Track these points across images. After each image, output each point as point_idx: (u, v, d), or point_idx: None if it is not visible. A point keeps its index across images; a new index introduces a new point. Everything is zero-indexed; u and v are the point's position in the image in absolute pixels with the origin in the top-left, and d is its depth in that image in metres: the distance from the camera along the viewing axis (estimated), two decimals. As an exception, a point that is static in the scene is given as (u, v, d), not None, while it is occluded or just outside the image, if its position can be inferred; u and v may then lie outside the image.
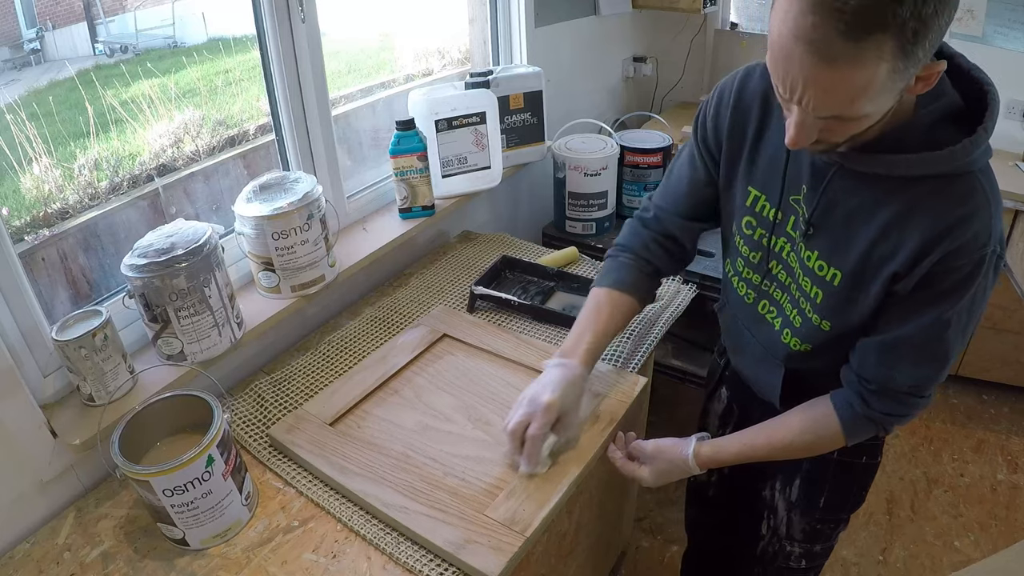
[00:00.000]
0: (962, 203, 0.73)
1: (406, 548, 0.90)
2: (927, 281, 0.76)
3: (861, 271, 0.81)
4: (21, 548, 0.94)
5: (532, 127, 1.78)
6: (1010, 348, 2.19)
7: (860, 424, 0.88)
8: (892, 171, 0.75)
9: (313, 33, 1.30)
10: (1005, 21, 2.11)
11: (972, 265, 0.74)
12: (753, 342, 1.02)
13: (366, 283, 1.53)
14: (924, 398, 0.85)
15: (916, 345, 0.80)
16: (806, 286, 0.88)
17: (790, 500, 1.12)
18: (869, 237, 0.79)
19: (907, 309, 0.79)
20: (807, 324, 0.90)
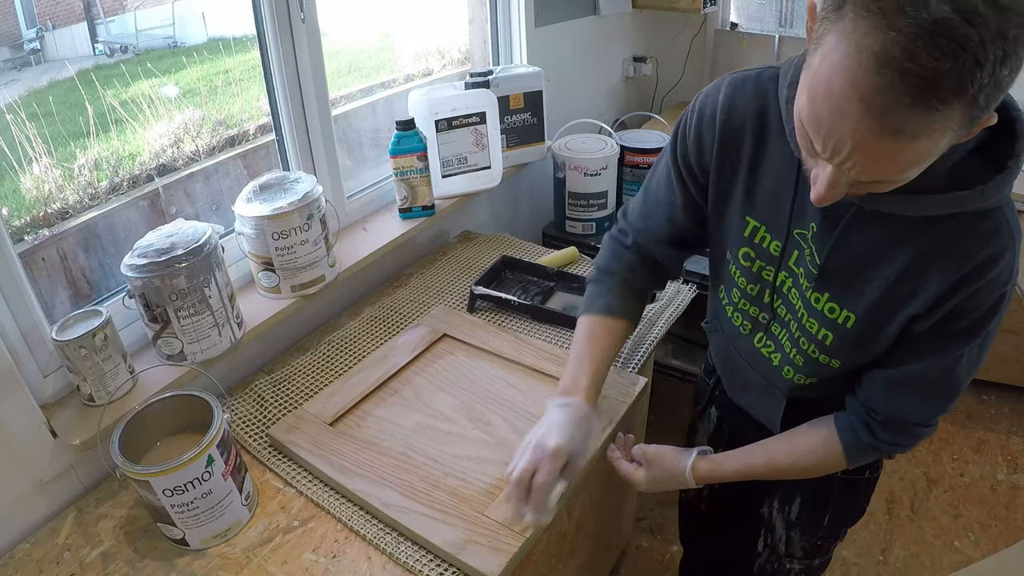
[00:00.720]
0: (988, 244, 0.68)
1: (406, 548, 0.90)
2: (946, 320, 0.73)
3: (877, 313, 0.76)
4: (21, 548, 0.94)
5: (532, 127, 1.78)
6: (1010, 348, 2.19)
7: (863, 451, 0.85)
8: (921, 212, 0.68)
9: (313, 33, 1.30)
10: (1005, 21, 2.11)
11: (992, 303, 0.71)
12: (751, 372, 0.98)
13: (366, 283, 1.53)
14: (930, 427, 0.82)
15: (927, 381, 0.78)
16: (811, 327, 0.82)
17: (790, 519, 1.09)
18: (888, 278, 0.73)
19: (922, 346, 0.76)
20: (812, 363, 0.86)
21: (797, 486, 1.06)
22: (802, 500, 1.07)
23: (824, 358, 0.84)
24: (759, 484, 1.07)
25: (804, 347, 0.85)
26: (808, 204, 0.75)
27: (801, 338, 0.85)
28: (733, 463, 0.95)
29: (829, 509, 1.06)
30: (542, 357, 1.22)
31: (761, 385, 0.97)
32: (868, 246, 0.74)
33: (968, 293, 0.70)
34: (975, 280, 0.69)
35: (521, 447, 0.90)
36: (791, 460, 0.90)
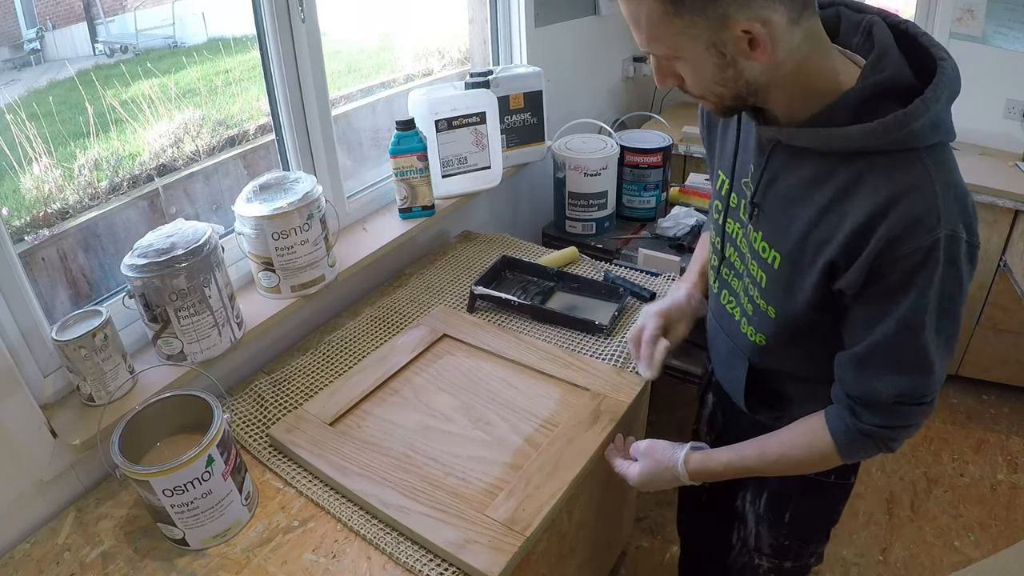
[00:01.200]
0: (897, 181, 0.68)
1: (406, 548, 0.90)
2: (874, 277, 0.71)
3: (799, 255, 0.78)
4: (21, 548, 0.94)
5: (532, 127, 1.78)
6: (1010, 348, 2.19)
7: (855, 440, 0.82)
8: (824, 145, 0.72)
9: (313, 33, 1.30)
10: (1005, 21, 2.11)
11: (922, 253, 0.67)
12: (723, 336, 1.01)
13: (366, 283, 1.53)
14: (922, 405, 0.78)
15: (890, 353, 0.75)
16: (753, 270, 0.87)
17: (758, 512, 1.09)
18: (807, 218, 0.76)
19: (868, 315, 0.75)
20: (758, 312, 0.88)
21: (766, 479, 1.06)
22: (768, 494, 1.07)
23: (763, 304, 0.86)
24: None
25: (751, 293, 0.89)
26: (749, 152, 0.84)
27: (749, 284, 0.89)
28: (724, 455, 0.94)
29: (790, 506, 1.04)
30: (542, 357, 1.22)
31: (728, 349, 0.99)
32: (793, 185, 0.78)
33: (884, 240, 0.68)
34: (886, 223, 0.68)
35: (640, 314, 1.11)
36: (781, 451, 0.88)
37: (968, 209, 0.69)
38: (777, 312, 0.85)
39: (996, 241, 2.03)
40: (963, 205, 0.69)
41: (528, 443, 1.04)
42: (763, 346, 0.90)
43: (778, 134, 0.76)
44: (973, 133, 2.24)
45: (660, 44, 0.71)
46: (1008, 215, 1.97)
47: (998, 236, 2.02)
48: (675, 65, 0.73)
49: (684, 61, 0.72)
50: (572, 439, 1.04)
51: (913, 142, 0.68)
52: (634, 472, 1.00)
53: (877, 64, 0.70)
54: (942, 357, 0.75)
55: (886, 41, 0.71)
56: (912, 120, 0.66)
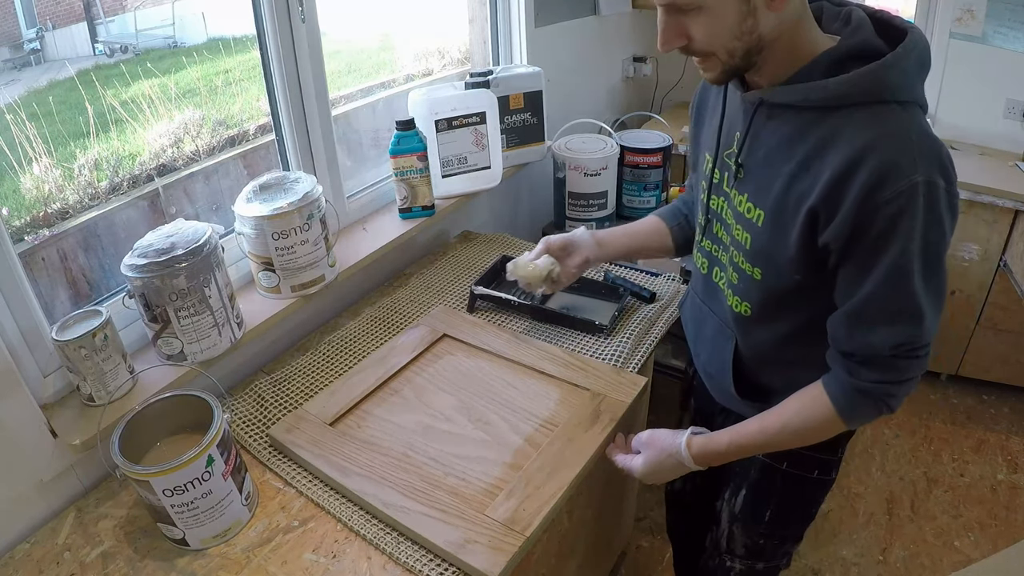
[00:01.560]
0: (872, 128, 0.71)
1: (406, 548, 0.90)
2: (859, 229, 0.72)
3: (781, 209, 0.80)
4: (21, 548, 0.94)
5: (532, 127, 1.78)
6: (1010, 348, 2.19)
7: (854, 399, 0.82)
8: (803, 99, 0.76)
9: (313, 33, 1.30)
10: (1005, 21, 2.11)
11: (904, 199, 0.69)
12: (709, 315, 1.01)
13: (366, 283, 1.53)
14: (918, 358, 0.79)
15: (881, 304, 0.76)
16: (738, 234, 0.88)
17: (733, 511, 1.08)
18: (788, 172, 0.78)
19: (856, 270, 0.76)
20: (743, 277, 0.89)
21: (745, 476, 1.06)
22: (747, 492, 1.06)
23: (748, 267, 0.87)
24: (719, 475, 1.07)
25: (736, 260, 0.90)
26: (734, 122, 0.88)
27: (734, 251, 0.90)
28: (726, 435, 0.93)
29: (772, 503, 1.04)
30: (542, 357, 1.22)
31: (716, 329, 1.00)
32: (775, 142, 0.81)
33: (864, 184, 0.70)
34: (864, 169, 0.70)
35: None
36: (783, 422, 0.87)
37: (944, 159, 0.71)
38: (763, 273, 0.86)
39: (996, 241, 2.03)
40: (938, 154, 0.71)
41: (528, 443, 1.04)
42: (748, 316, 0.91)
43: (761, 94, 0.80)
44: (973, 133, 2.24)
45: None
46: (1008, 215, 1.97)
47: (998, 236, 2.02)
48: (688, 20, 0.75)
49: (705, 11, 0.73)
50: (572, 439, 1.04)
51: (887, 94, 0.72)
52: (638, 464, 1.00)
53: (852, 34, 0.76)
54: (932, 306, 0.76)
55: (861, 19, 0.78)
56: (884, 71, 0.71)
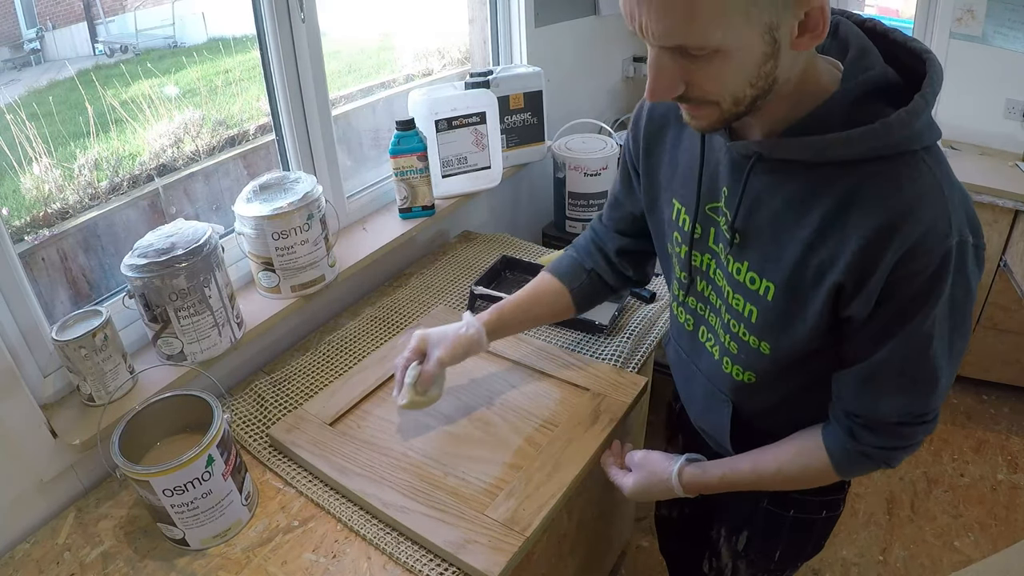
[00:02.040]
0: (905, 188, 0.62)
1: (406, 548, 0.90)
2: (887, 295, 0.65)
3: (798, 282, 0.70)
4: (21, 548, 0.94)
5: (532, 127, 1.78)
6: (1010, 348, 2.19)
7: (853, 459, 0.77)
8: (817, 156, 0.65)
9: (313, 33, 1.30)
10: (1005, 21, 2.12)
11: (937, 263, 0.62)
12: (699, 375, 0.93)
13: (366, 283, 1.53)
14: (924, 424, 0.73)
15: (896, 370, 0.69)
16: (738, 304, 0.78)
17: (736, 549, 1.04)
18: (803, 239, 0.68)
19: (875, 331, 0.69)
20: (745, 348, 0.80)
21: (747, 519, 1.01)
22: (750, 534, 1.02)
23: (754, 340, 0.78)
24: (712, 506, 1.04)
25: (735, 330, 0.80)
26: (717, 174, 0.76)
27: (731, 320, 0.81)
28: (719, 469, 0.89)
29: (780, 546, 1.00)
30: (542, 357, 1.22)
31: (707, 391, 0.92)
32: (780, 205, 0.69)
33: (898, 253, 0.62)
34: (900, 236, 0.62)
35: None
36: (777, 466, 0.83)
37: (970, 208, 0.65)
38: (773, 347, 0.77)
39: (996, 241, 2.03)
40: (966, 205, 0.64)
41: (528, 443, 1.04)
42: (752, 383, 0.83)
43: (759, 147, 0.68)
44: (973, 133, 2.24)
45: (707, 29, 0.56)
46: (1008, 215, 1.97)
47: (998, 236, 2.02)
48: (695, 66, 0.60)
49: (726, 56, 0.59)
50: (572, 439, 1.04)
51: (914, 143, 0.63)
52: (628, 483, 0.97)
53: (859, 63, 0.65)
54: (949, 369, 0.70)
55: (860, 39, 0.66)
56: (915, 118, 0.61)
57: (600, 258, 1.05)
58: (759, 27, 0.57)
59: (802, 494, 0.93)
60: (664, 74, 0.62)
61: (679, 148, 0.82)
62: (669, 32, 0.57)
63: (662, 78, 0.62)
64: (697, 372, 0.93)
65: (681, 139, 0.82)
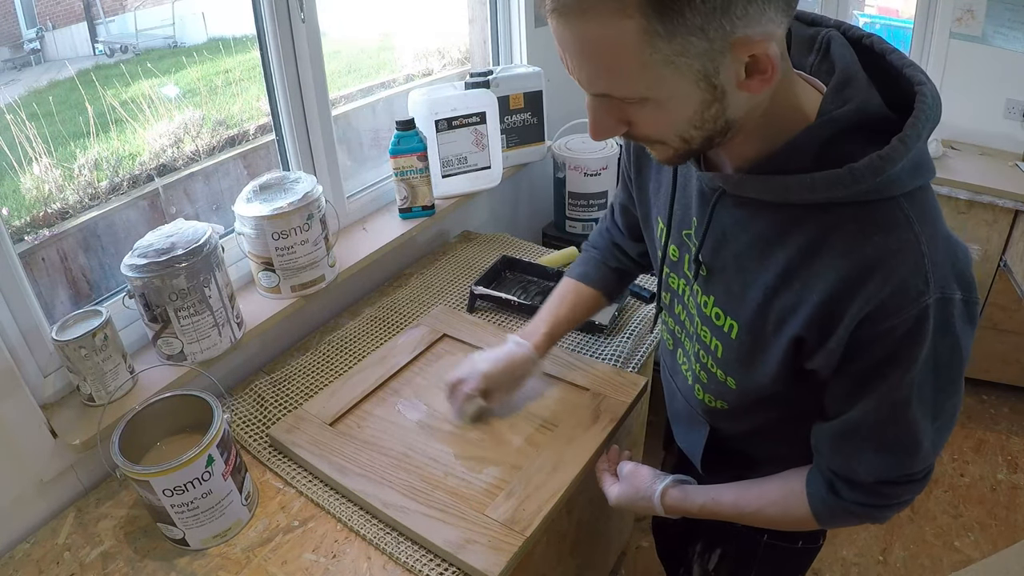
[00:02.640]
0: (875, 241, 0.56)
1: (406, 548, 0.90)
2: (854, 354, 0.60)
3: (760, 325, 0.66)
4: (21, 548, 0.94)
5: (532, 127, 1.78)
6: (1010, 348, 2.19)
7: (833, 512, 0.73)
8: (779, 198, 0.60)
9: (313, 33, 1.30)
10: (1005, 21, 2.12)
11: (910, 323, 0.56)
12: (678, 394, 0.92)
13: (366, 283, 1.53)
14: (911, 483, 0.68)
15: (872, 432, 0.65)
16: (705, 337, 0.76)
17: (706, 568, 1.03)
18: (766, 284, 0.64)
19: (847, 389, 0.64)
20: (713, 380, 0.77)
21: (722, 537, 0.99)
22: (723, 553, 1.00)
23: (720, 373, 0.75)
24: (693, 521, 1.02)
25: (704, 360, 0.78)
26: (690, 201, 0.73)
27: (700, 350, 0.78)
28: (701, 497, 0.86)
29: (753, 571, 0.98)
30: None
31: (686, 411, 0.91)
32: (747, 244, 0.66)
33: (863, 311, 0.57)
34: (863, 290, 0.57)
35: (467, 358, 1.06)
36: (759, 506, 0.79)
37: (960, 262, 0.58)
38: (739, 383, 0.74)
39: (996, 241, 2.03)
40: (954, 258, 0.58)
41: (528, 443, 1.04)
42: (725, 410, 0.80)
43: (723, 182, 0.64)
44: (973, 133, 2.24)
45: (628, 81, 0.54)
46: (1008, 215, 1.97)
47: (998, 236, 2.02)
48: (626, 108, 0.57)
49: (659, 103, 0.55)
50: (572, 439, 1.04)
51: (891, 190, 0.56)
52: (613, 493, 0.95)
53: (839, 94, 0.58)
54: (937, 431, 0.65)
55: (848, 62, 0.59)
56: (890, 164, 0.54)
57: (624, 257, 1.06)
58: (690, 75, 0.52)
59: None
60: (600, 117, 0.60)
61: (663, 168, 0.80)
62: (591, 81, 0.56)
63: (600, 121, 0.60)
64: (677, 392, 0.93)
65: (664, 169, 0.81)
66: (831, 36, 0.63)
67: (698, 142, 0.59)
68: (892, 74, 0.60)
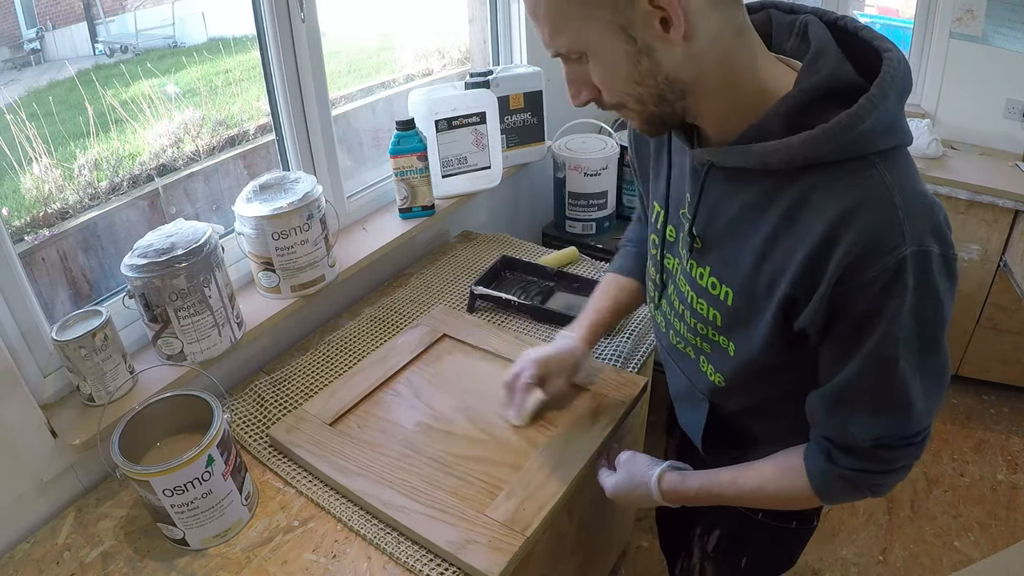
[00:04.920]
0: (848, 194, 0.59)
1: (406, 548, 0.90)
2: (838, 312, 0.63)
3: (752, 289, 0.70)
4: (21, 548, 0.94)
5: (532, 127, 1.78)
6: (1010, 348, 2.19)
7: (833, 483, 0.74)
8: (760, 163, 0.63)
9: (313, 33, 1.30)
10: (1005, 21, 2.12)
11: (888, 276, 0.59)
12: (679, 374, 0.92)
13: (366, 283, 1.53)
14: (908, 447, 0.69)
15: (863, 393, 0.67)
16: (702, 309, 0.78)
17: (705, 550, 1.03)
18: (756, 248, 0.68)
19: (835, 351, 0.67)
20: (716, 349, 0.79)
21: (718, 519, 1.00)
22: (720, 535, 1.01)
23: (723, 340, 0.77)
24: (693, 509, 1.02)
25: (703, 332, 0.80)
26: (684, 179, 0.77)
27: (697, 324, 0.80)
28: (698, 480, 0.87)
29: (748, 551, 0.99)
30: (542, 357, 1.22)
31: (687, 390, 0.91)
32: (736, 213, 0.70)
33: (841, 265, 0.60)
34: (839, 244, 0.59)
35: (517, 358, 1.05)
36: (757, 484, 0.81)
37: (936, 217, 0.60)
38: (738, 349, 0.76)
39: (996, 241, 2.03)
40: (929, 213, 0.60)
41: (528, 443, 1.04)
42: (723, 387, 0.82)
43: (710, 155, 0.69)
44: (973, 133, 2.24)
45: (563, 35, 0.63)
46: (1008, 215, 1.97)
47: (998, 236, 2.02)
48: (586, 69, 0.66)
49: (594, 58, 0.64)
50: (572, 439, 1.04)
51: (864, 147, 0.60)
52: (610, 483, 0.96)
53: (812, 65, 0.63)
54: (926, 392, 0.66)
55: (822, 40, 0.64)
56: (859, 121, 0.58)
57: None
58: (608, 28, 0.60)
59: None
60: (570, 81, 0.69)
61: (661, 154, 0.85)
62: (545, 42, 0.66)
63: (570, 84, 0.69)
64: (678, 371, 0.93)
65: (662, 145, 0.84)
66: (808, 20, 0.68)
67: (652, 102, 0.65)
68: (864, 48, 0.64)
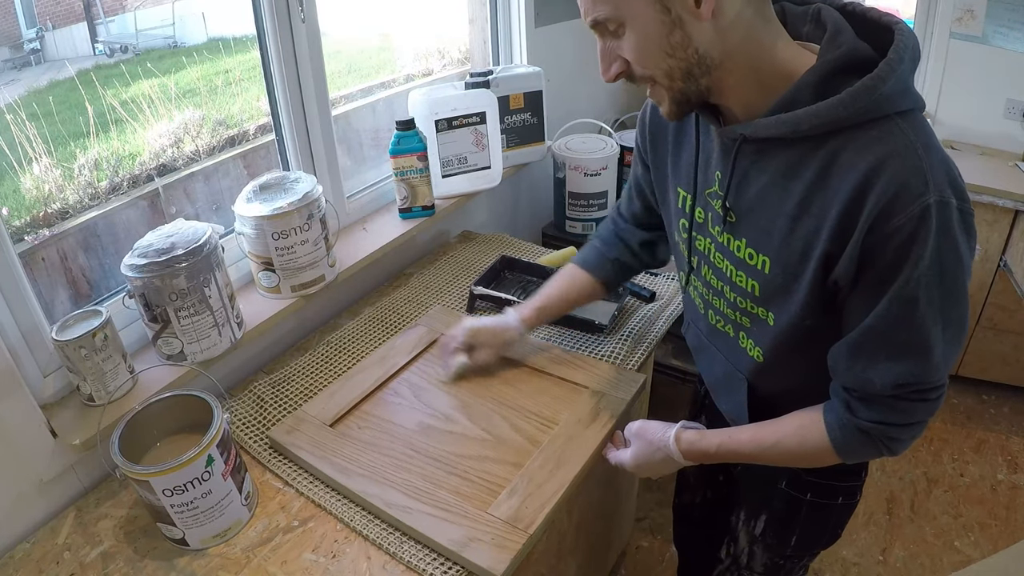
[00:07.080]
0: (876, 148, 0.64)
1: (409, 547, 0.90)
2: (867, 260, 0.67)
3: (788, 254, 0.74)
4: (21, 548, 0.94)
5: (532, 127, 1.78)
6: (1010, 348, 2.19)
7: (851, 436, 0.77)
8: (792, 131, 0.68)
9: (313, 33, 1.30)
10: (1005, 21, 2.12)
11: (913, 223, 0.63)
12: (717, 354, 0.95)
13: (366, 283, 1.53)
14: (925, 402, 0.73)
15: (884, 337, 0.70)
16: (741, 281, 0.82)
17: (753, 534, 1.06)
18: (788, 213, 0.72)
19: (862, 300, 0.70)
20: (755, 320, 0.83)
21: (765, 502, 1.02)
22: (768, 518, 1.03)
23: (762, 311, 0.81)
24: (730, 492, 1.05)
25: (743, 305, 0.83)
26: (711, 160, 0.81)
27: (736, 297, 0.84)
28: (718, 436, 0.89)
29: (796, 531, 1.01)
30: (542, 356, 1.22)
31: (725, 373, 0.94)
32: (768, 181, 0.74)
33: (872, 213, 0.64)
34: (871, 193, 0.64)
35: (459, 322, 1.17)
36: (776, 438, 0.83)
37: (954, 173, 0.66)
38: (777, 318, 0.80)
39: (996, 241, 2.03)
40: (948, 169, 0.65)
41: (529, 441, 1.04)
42: (762, 362, 0.85)
43: (742, 129, 0.73)
44: (973, 133, 2.24)
45: (606, 3, 0.68)
46: (1008, 215, 1.97)
47: (998, 236, 2.02)
48: (618, 43, 0.70)
49: (629, 29, 0.68)
50: (572, 437, 1.04)
51: (885, 108, 0.65)
52: (627, 456, 0.98)
53: (833, 41, 0.68)
54: (946, 341, 0.69)
55: (837, 21, 0.70)
56: (881, 83, 0.64)
57: (624, 249, 1.12)
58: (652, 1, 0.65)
59: (819, 477, 0.94)
60: (603, 54, 0.73)
61: (681, 141, 0.88)
62: (588, 9, 0.70)
63: (603, 57, 0.73)
64: (716, 352, 0.96)
65: (682, 132, 0.87)
66: (820, 7, 0.74)
67: (680, 76, 0.70)
68: (874, 26, 0.70)
